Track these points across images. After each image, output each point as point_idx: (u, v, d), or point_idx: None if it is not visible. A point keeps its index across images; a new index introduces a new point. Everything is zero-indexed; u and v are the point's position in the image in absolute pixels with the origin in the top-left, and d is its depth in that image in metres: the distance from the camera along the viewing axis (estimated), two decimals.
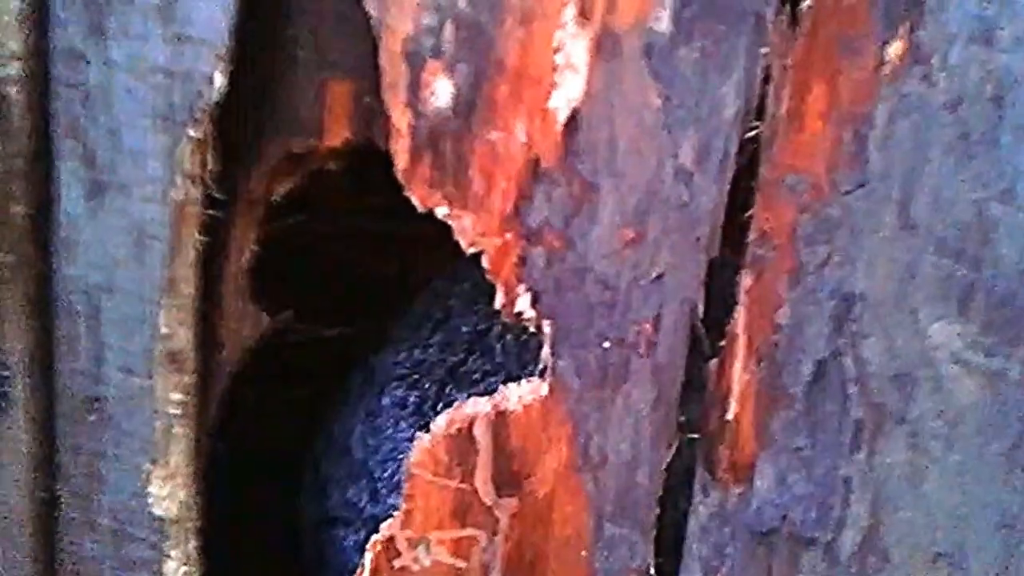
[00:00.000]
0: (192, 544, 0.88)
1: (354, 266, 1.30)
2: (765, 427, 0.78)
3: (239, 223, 0.87)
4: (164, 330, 0.84)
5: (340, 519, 1.02)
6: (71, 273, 0.85)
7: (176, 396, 0.85)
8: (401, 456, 0.97)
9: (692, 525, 0.83)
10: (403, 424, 1.03)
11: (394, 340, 1.07)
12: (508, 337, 1.01)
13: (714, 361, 0.80)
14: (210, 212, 0.83)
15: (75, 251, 0.85)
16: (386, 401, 1.04)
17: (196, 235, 0.83)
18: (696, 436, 0.82)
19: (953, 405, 0.74)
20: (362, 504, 0.97)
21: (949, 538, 0.76)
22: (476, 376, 1.02)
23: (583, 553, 0.84)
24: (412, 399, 1.03)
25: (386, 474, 1.01)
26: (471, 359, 1.02)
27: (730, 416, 0.79)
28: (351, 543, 1.02)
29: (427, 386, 1.03)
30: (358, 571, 0.87)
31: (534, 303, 0.80)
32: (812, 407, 0.77)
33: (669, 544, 0.85)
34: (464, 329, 1.03)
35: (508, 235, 0.79)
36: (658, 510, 0.84)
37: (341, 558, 1.02)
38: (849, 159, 0.72)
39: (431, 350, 1.04)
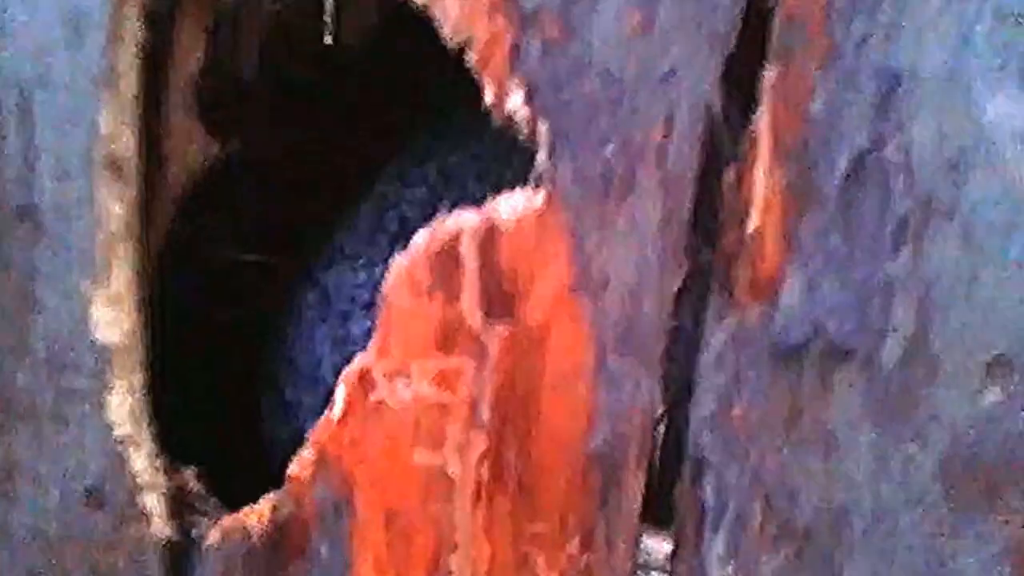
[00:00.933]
0: (138, 376, 0.83)
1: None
2: (792, 234, 0.74)
3: (186, 23, 0.82)
4: (104, 129, 0.78)
5: None
6: None
7: (118, 210, 0.80)
8: None
9: (705, 356, 0.79)
10: None
11: (347, 256, 1.05)
12: None
13: (731, 169, 0.75)
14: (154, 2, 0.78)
15: (3, 38, 0.78)
16: (356, 331, 1.02)
17: (138, 24, 0.77)
18: (709, 258, 0.78)
19: (1012, 193, 0.69)
20: None
21: (1008, 341, 0.72)
22: None
23: (583, 388, 0.79)
24: None
25: None
26: None
27: (751, 228, 0.75)
28: None
29: None
30: (328, 407, 0.81)
31: (528, 100, 0.74)
32: (849, 205, 0.72)
33: (679, 380, 0.80)
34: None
35: (499, 21, 0.73)
36: (666, 342, 0.79)
37: None
38: None
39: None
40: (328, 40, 0.87)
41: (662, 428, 0.83)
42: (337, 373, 0.98)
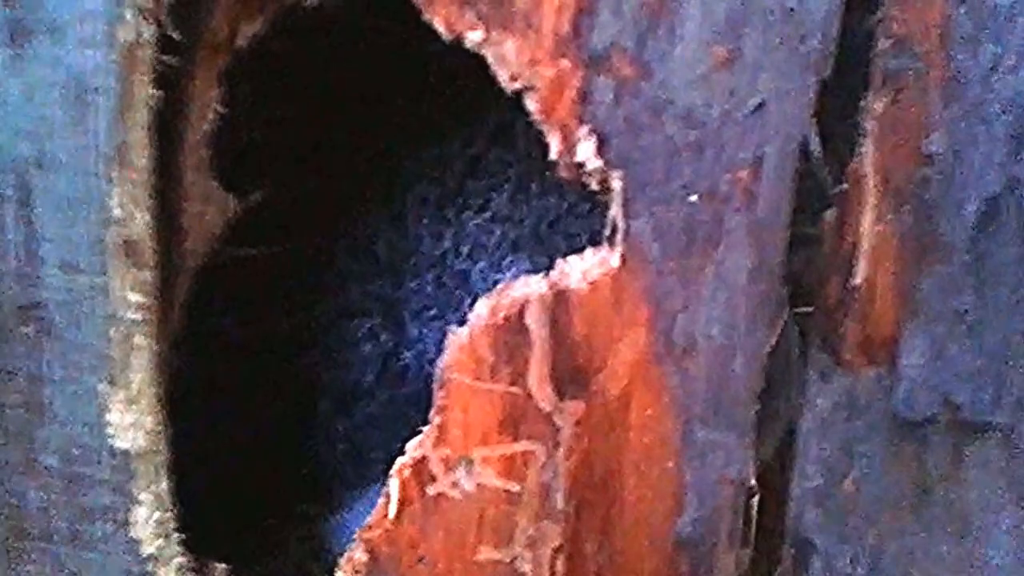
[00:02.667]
0: (164, 484, 0.75)
1: None
2: (912, 289, 0.68)
3: (200, 75, 0.74)
4: (116, 212, 0.71)
5: (357, 310, 1.03)
6: None
7: (135, 297, 0.73)
8: (424, 252, 1.01)
9: (807, 422, 0.72)
10: (425, 221, 1.03)
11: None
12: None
13: (831, 211, 0.69)
14: (165, 59, 0.70)
15: None
16: (409, 199, 1.03)
17: (149, 88, 0.70)
18: (807, 311, 0.72)
19: None
20: (383, 293, 1.00)
21: None
22: (496, 168, 1.00)
23: (669, 464, 0.72)
24: (433, 195, 1.02)
25: (408, 264, 1.03)
26: (492, 150, 1.00)
27: (858, 280, 0.69)
28: (365, 330, 1.04)
29: (447, 181, 1.03)
30: (381, 502, 0.74)
31: (600, 150, 0.68)
32: (981, 257, 0.66)
33: (773, 448, 0.73)
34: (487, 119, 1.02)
35: (564, 63, 0.66)
36: (758, 407, 0.72)
37: (353, 350, 1.04)
38: None
39: (453, 143, 1.02)
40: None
41: (755, 502, 0.76)
42: (388, 244, 1.03)
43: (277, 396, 1.05)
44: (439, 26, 0.66)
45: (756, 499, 0.75)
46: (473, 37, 0.66)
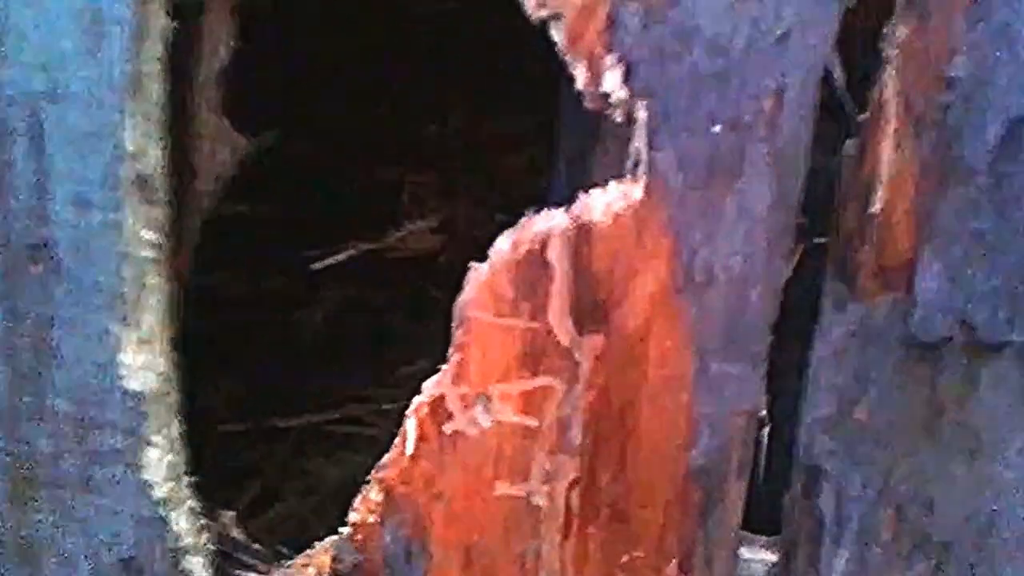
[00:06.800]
0: (175, 427, 0.71)
1: None
2: (930, 214, 0.66)
3: (214, 7, 0.71)
4: (130, 145, 0.67)
5: None
6: (2, 77, 0.66)
7: (148, 235, 0.69)
8: None
9: (820, 350, 0.70)
10: None
11: None
12: None
13: (851, 142, 0.67)
14: None
15: (7, 46, 0.65)
16: None
17: (164, 19, 0.65)
18: (822, 240, 0.70)
19: None
20: None
21: None
22: None
23: (684, 397, 0.71)
24: None
25: None
26: None
27: (876, 208, 0.67)
28: None
29: None
30: (397, 442, 0.71)
31: (627, 79, 0.64)
32: (1001, 179, 0.64)
33: (787, 378, 0.71)
34: None
35: None
36: (771, 337, 0.70)
37: None
38: None
39: None
40: None
41: (766, 431, 0.73)
42: None
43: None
44: None
45: (767, 427, 0.73)
46: None
